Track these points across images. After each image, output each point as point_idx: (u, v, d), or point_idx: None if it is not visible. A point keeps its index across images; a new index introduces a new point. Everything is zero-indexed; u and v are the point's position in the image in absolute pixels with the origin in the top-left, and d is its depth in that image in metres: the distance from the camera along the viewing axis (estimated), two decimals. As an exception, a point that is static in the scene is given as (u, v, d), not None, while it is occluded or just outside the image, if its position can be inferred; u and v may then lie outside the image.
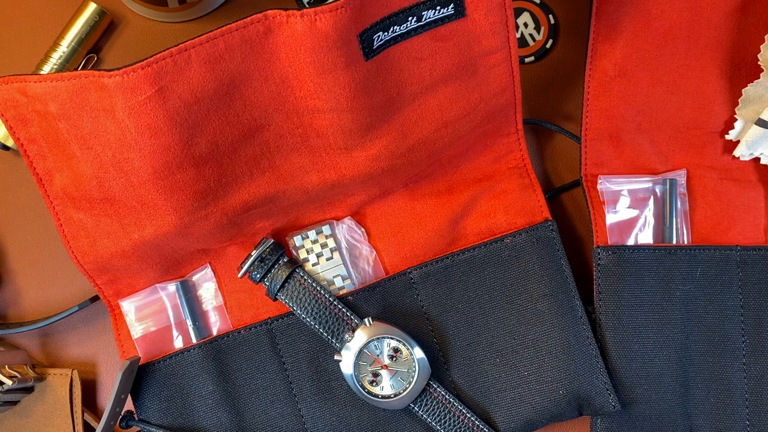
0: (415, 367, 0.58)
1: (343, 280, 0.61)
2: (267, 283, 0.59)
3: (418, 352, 0.58)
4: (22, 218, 0.65)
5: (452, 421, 0.59)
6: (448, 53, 0.55)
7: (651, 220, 0.63)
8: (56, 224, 0.57)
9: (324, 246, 0.61)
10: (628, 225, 0.62)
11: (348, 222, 0.62)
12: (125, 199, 0.55)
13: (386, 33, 0.53)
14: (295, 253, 0.61)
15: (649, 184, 0.63)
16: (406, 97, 0.56)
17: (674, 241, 0.62)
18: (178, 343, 0.61)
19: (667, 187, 0.62)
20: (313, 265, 0.61)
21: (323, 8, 0.50)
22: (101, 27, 0.65)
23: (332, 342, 0.59)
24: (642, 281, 0.60)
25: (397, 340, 0.58)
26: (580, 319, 0.60)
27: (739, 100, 0.60)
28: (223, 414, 0.59)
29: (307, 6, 0.66)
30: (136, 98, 0.50)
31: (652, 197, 0.63)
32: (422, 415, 0.59)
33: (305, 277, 0.59)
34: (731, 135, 0.62)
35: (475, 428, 0.59)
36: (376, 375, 0.58)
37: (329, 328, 0.59)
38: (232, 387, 0.60)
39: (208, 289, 0.62)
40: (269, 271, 0.59)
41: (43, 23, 0.66)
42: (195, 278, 0.62)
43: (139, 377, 0.60)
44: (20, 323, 0.63)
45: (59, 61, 0.64)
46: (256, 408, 0.60)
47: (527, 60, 0.67)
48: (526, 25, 0.67)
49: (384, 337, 0.58)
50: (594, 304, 0.61)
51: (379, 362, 0.58)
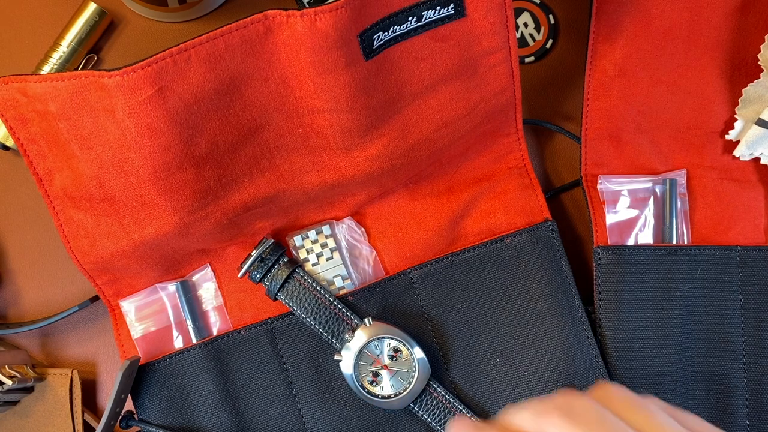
0: (415, 367, 0.58)
1: (343, 280, 0.61)
2: (267, 283, 0.59)
3: (418, 352, 0.58)
4: (22, 218, 0.65)
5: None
6: (448, 53, 0.55)
7: (651, 220, 0.63)
8: (56, 224, 0.57)
9: (324, 246, 0.61)
10: (628, 225, 0.62)
11: (348, 222, 0.62)
12: (125, 199, 0.55)
13: (386, 33, 0.53)
14: (295, 253, 0.61)
15: (649, 184, 0.63)
16: (406, 97, 0.56)
17: (674, 241, 0.62)
18: (178, 343, 0.61)
19: (667, 187, 0.62)
20: (313, 265, 0.61)
21: (323, 8, 0.50)
22: (101, 27, 0.65)
23: (332, 342, 0.59)
24: (642, 281, 0.60)
25: (397, 340, 0.58)
26: (580, 319, 0.60)
27: (739, 100, 0.60)
28: (223, 414, 0.59)
29: (307, 6, 0.66)
30: (136, 98, 0.50)
31: (652, 197, 0.63)
32: (422, 415, 0.59)
33: (305, 277, 0.59)
34: (731, 135, 0.62)
35: (475, 428, 0.59)
36: (376, 375, 0.58)
37: (329, 328, 0.59)
38: (232, 387, 0.60)
39: (208, 289, 0.62)
40: (269, 271, 0.59)
41: (43, 23, 0.66)
42: (195, 278, 0.62)
43: (139, 377, 0.60)
44: (20, 323, 0.63)
45: (59, 61, 0.64)
46: (256, 408, 0.60)
47: (527, 60, 0.67)
48: (526, 25, 0.67)
49: (384, 337, 0.58)
50: (594, 304, 0.61)
51: (379, 362, 0.58)
